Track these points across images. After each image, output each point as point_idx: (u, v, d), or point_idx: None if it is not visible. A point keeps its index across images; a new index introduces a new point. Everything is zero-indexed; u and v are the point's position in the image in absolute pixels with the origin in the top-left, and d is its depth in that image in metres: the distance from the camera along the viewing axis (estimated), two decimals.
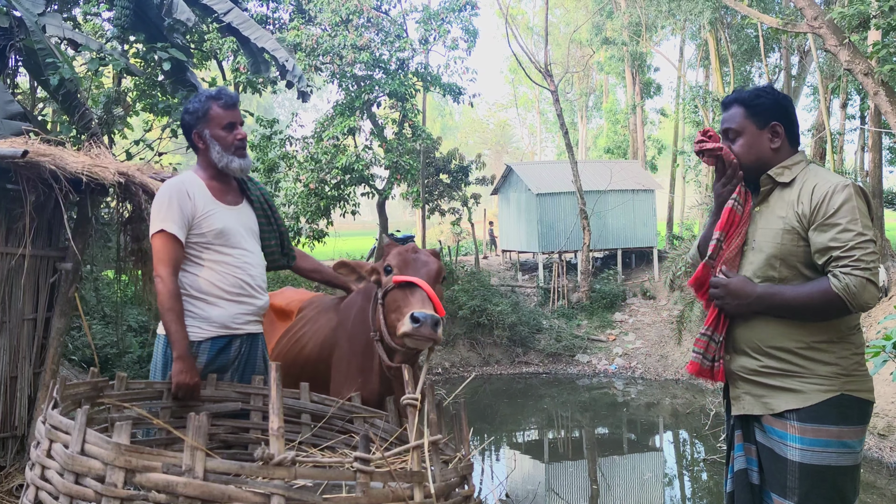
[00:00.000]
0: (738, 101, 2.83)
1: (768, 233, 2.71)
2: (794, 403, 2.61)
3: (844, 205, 2.54)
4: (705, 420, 11.60)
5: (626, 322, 19.24)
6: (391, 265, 3.18)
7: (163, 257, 3.13)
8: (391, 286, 3.10)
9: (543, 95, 49.73)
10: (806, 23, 11.43)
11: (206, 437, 1.89)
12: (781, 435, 2.63)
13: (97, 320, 10.08)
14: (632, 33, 30.10)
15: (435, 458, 2.13)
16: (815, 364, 2.61)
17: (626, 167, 23.52)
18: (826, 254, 2.55)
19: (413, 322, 2.82)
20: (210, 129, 3.32)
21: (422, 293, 2.97)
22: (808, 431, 2.58)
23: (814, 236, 2.59)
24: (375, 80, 19.08)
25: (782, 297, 2.62)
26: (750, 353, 2.73)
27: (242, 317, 3.32)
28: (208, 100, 3.33)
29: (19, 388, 4.97)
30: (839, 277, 2.49)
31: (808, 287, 2.59)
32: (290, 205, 19.05)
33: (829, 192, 2.58)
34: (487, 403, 14.67)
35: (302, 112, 36.65)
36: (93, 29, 12.90)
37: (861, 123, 20.65)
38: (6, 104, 7.07)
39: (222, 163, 3.32)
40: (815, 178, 2.67)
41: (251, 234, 3.43)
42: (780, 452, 2.63)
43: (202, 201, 3.24)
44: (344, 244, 23.65)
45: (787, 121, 2.80)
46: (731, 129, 2.83)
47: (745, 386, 2.76)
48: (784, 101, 2.81)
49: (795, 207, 2.64)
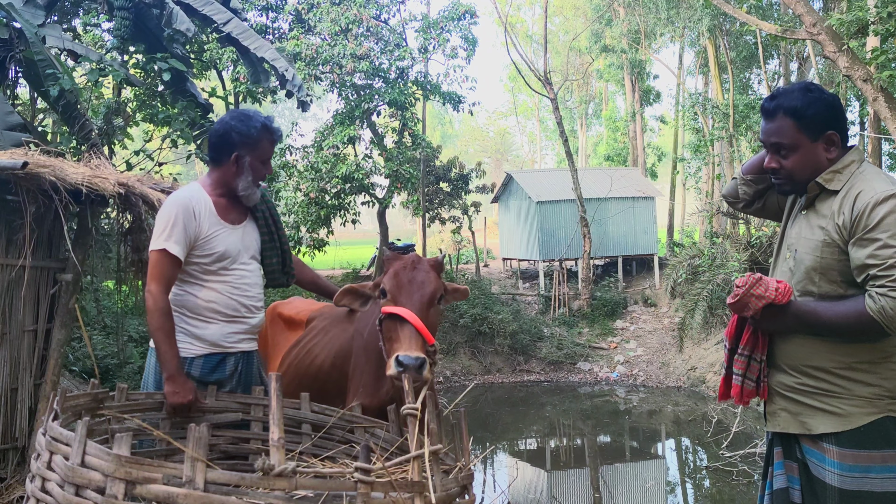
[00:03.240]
0: (786, 111, 2.57)
1: (809, 243, 2.56)
2: (832, 426, 2.48)
3: (886, 218, 2.35)
4: (707, 427, 11.59)
5: (628, 330, 19.22)
6: (385, 289, 3.13)
7: (156, 274, 3.09)
8: (382, 315, 3.07)
9: (543, 103, 49.76)
10: (804, 29, 11.44)
11: (206, 449, 1.89)
12: (819, 458, 2.52)
13: (97, 331, 10.07)
14: (631, 41, 30.18)
15: (436, 467, 2.12)
16: (855, 385, 2.47)
17: (626, 174, 23.52)
18: (864, 271, 2.38)
19: (397, 366, 2.80)
20: (252, 158, 3.26)
21: (410, 328, 2.91)
22: (847, 457, 2.45)
23: (853, 251, 2.42)
24: (375, 90, 19.13)
25: (816, 316, 2.48)
26: (787, 371, 2.61)
27: (235, 336, 3.29)
28: (264, 129, 3.27)
29: (20, 399, 4.97)
30: (875, 298, 2.33)
31: (844, 307, 2.44)
32: (290, 214, 19.09)
33: (870, 202, 2.38)
34: (489, 412, 14.64)
35: (302, 121, 36.72)
36: (93, 40, 12.93)
37: (860, 129, 20.64)
38: (6, 115, 7.09)
39: (245, 192, 3.28)
40: (861, 184, 2.47)
41: (250, 253, 3.40)
42: (818, 475, 2.52)
43: (207, 222, 3.20)
44: (344, 253, 23.66)
45: (840, 125, 2.57)
46: (781, 145, 2.59)
47: (781, 402, 2.63)
48: (835, 104, 2.57)
49: (836, 218, 2.47)
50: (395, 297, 3.07)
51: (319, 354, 3.66)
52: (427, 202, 21.91)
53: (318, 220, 19.14)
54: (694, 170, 28.43)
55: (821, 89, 2.60)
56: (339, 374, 3.53)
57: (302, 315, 4.12)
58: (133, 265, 5.56)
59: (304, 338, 3.88)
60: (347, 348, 3.56)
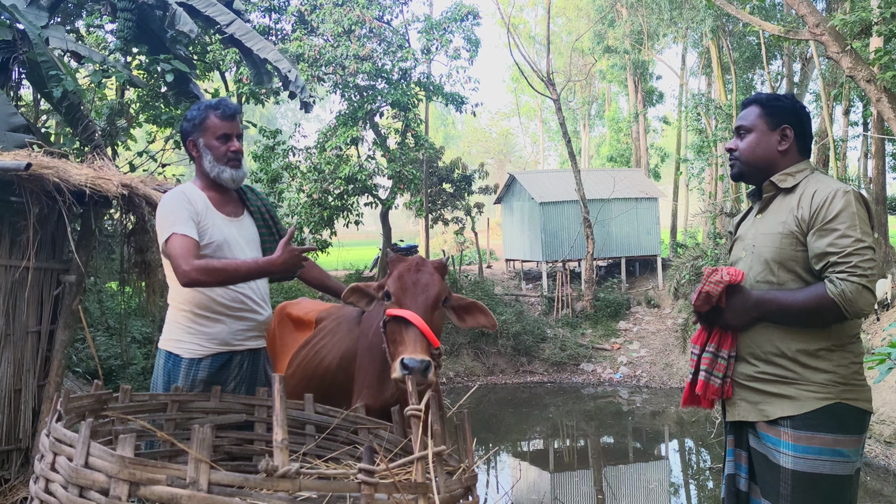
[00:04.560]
0: (756, 101, 2.87)
1: (767, 237, 2.72)
2: (788, 410, 2.61)
3: (843, 211, 2.54)
4: (710, 428, 11.58)
5: (631, 331, 19.22)
6: (389, 291, 3.11)
7: (182, 252, 2.95)
8: (386, 317, 3.05)
9: (546, 104, 49.77)
10: (808, 30, 11.44)
11: (210, 450, 1.89)
12: (775, 442, 2.63)
13: (100, 332, 10.08)
14: (634, 42, 30.18)
15: (439, 469, 2.12)
16: (811, 371, 2.61)
17: (629, 175, 23.52)
18: (823, 259, 2.55)
19: (403, 369, 2.80)
20: (204, 139, 3.28)
21: (415, 331, 2.90)
22: (801, 439, 2.57)
23: (812, 241, 2.59)
24: (378, 90, 19.14)
25: (777, 302, 2.63)
26: (748, 360, 2.72)
27: (243, 333, 3.29)
28: (207, 109, 3.30)
29: (23, 400, 4.98)
30: (835, 283, 2.48)
31: (804, 292, 2.59)
32: (293, 215, 19.09)
33: (828, 197, 2.58)
34: (492, 413, 14.64)
35: (305, 122, 36.74)
36: (96, 41, 12.94)
37: (864, 130, 20.66)
38: (9, 116, 7.09)
39: (213, 173, 3.28)
40: (817, 183, 2.68)
41: (252, 246, 3.39)
42: (774, 459, 2.63)
43: (203, 212, 3.20)
44: (347, 254, 23.67)
45: (799, 127, 2.81)
46: (743, 126, 2.86)
47: (741, 392, 2.75)
48: (800, 110, 2.83)
49: (795, 212, 2.65)
50: (399, 300, 3.06)
51: (327, 356, 3.66)
52: (430, 203, 21.90)
53: (321, 221, 19.15)
54: (697, 171, 28.43)
55: (795, 99, 2.91)
56: (345, 376, 3.53)
57: (310, 315, 4.11)
58: (136, 266, 5.57)
59: (313, 338, 3.87)
60: (353, 349, 3.56)
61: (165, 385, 3.17)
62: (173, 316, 3.28)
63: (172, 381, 3.14)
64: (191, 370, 3.17)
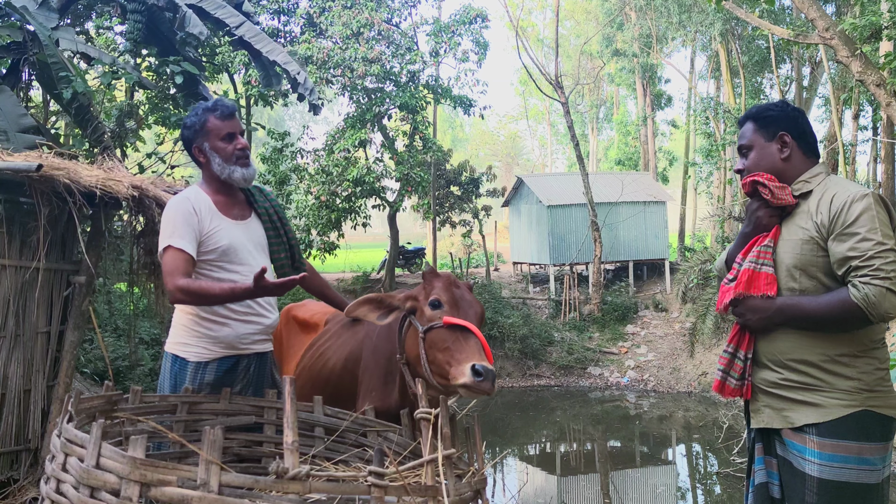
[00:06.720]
0: (748, 117, 2.87)
1: (789, 244, 2.68)
2: (813, 418, 2.57)
3: (864, 214, 2.51)
4: (718, 433, 11.54)
5: (639, 334, 19.18)
6: (440, 300, 3.08)
7: (171, 269, 3.00)
8: (439, 324, 3.01)
9: (554, 107, 49.74)
10: (817, 34, 11.41)
11: (220, 451, 1.89)
12: (800, 449, 2.60)
13: (109, 333, 10.12)
14: (642, 45, 30.16)
15: (449, 472, 2.12)
16: (836, 378, 2.57)
17: (637, 179, 23.50)
18: (845, 264, 2.51)
19: (476, 375, 2.77)
20: (209, 142, 3.26)
21: (477, 341, 2.89)
22: (826, 446, 2.54)
23: (833, 246, 2.56)
24: (386, 93, 19.15)
25: (801, 307, 2.60)
26: (770, 366, 2.70)
27: (250, 336, 3.27)
28: (205, 112, 3.28)
29: (33, 401, 4.99)
30: (858, 287, 2.45)
31: (828, 297, 2.55)
32: (301, 217, 19.12)
33: (847, 201, 2.55)
34: (499, 416, 14.63)
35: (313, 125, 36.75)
36: (105, 43, 13.00)
37: (873, 134, 20.58)
38: (20, 117, 7.12)
39: (225, 174, 3.26)
40: (835, 187, 2.64)
41: (260, 248, 3.37)
42: (799, 467, 2.59)
43: (209, 218, 3.18)
44: (355, 256, 23.69)
45: (797, 131, 2.78)
46: (743, 146, 2.85)
47: (765, 399, 2.72)
48: (793, 113, 2.81)
49: (814, 217, 2.62)
50: (453, 310, 3.05)
51: (332, 358, 3.66)
52: (437, 206, 21.93)
53: (328, 224, 19.17)
54: (705, 174, 28.35)
55: (785, 104, 2.88)
56: (350, 378, 3.53)
57: (316, 318, 4.11)
58: (145, 268, 5.58)
59: (319, 340, 3.87)
60: (358, 352, 3.56)
61: (172, 388, 3.16)
62: (179, 319, 3.26)
63: (179, 385, 3.13)
64: (197, 374, 3.16)
